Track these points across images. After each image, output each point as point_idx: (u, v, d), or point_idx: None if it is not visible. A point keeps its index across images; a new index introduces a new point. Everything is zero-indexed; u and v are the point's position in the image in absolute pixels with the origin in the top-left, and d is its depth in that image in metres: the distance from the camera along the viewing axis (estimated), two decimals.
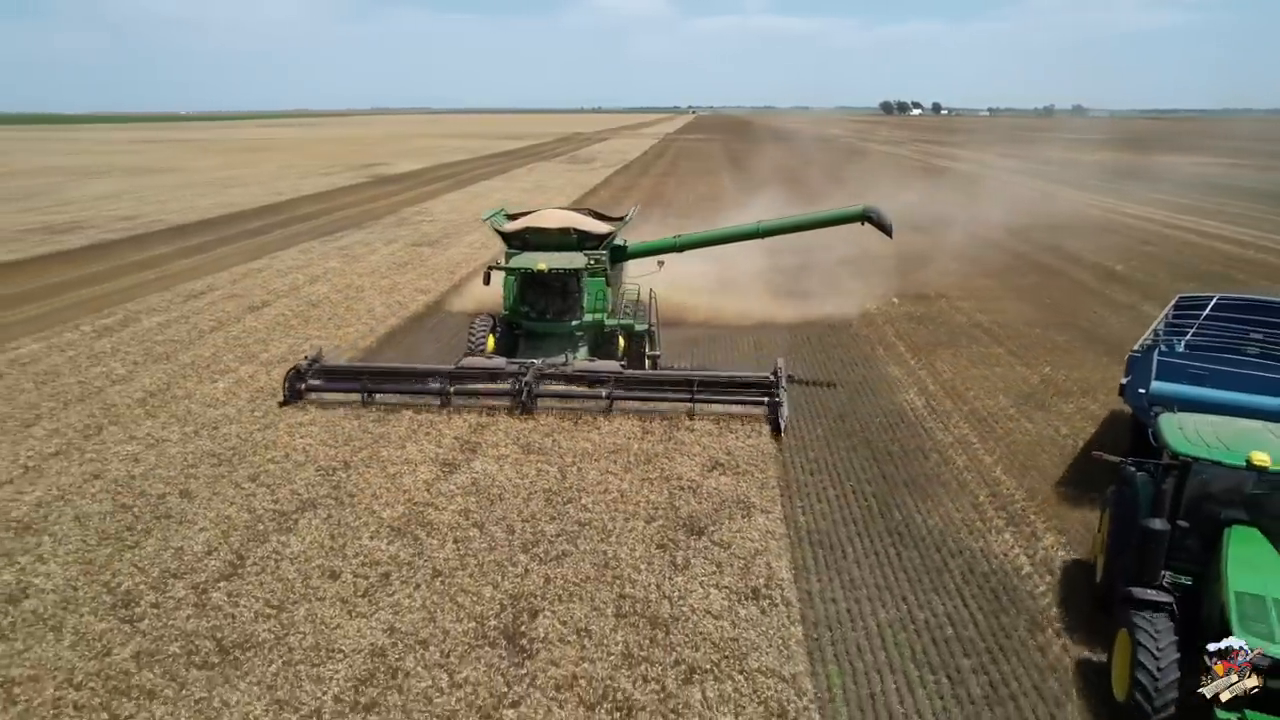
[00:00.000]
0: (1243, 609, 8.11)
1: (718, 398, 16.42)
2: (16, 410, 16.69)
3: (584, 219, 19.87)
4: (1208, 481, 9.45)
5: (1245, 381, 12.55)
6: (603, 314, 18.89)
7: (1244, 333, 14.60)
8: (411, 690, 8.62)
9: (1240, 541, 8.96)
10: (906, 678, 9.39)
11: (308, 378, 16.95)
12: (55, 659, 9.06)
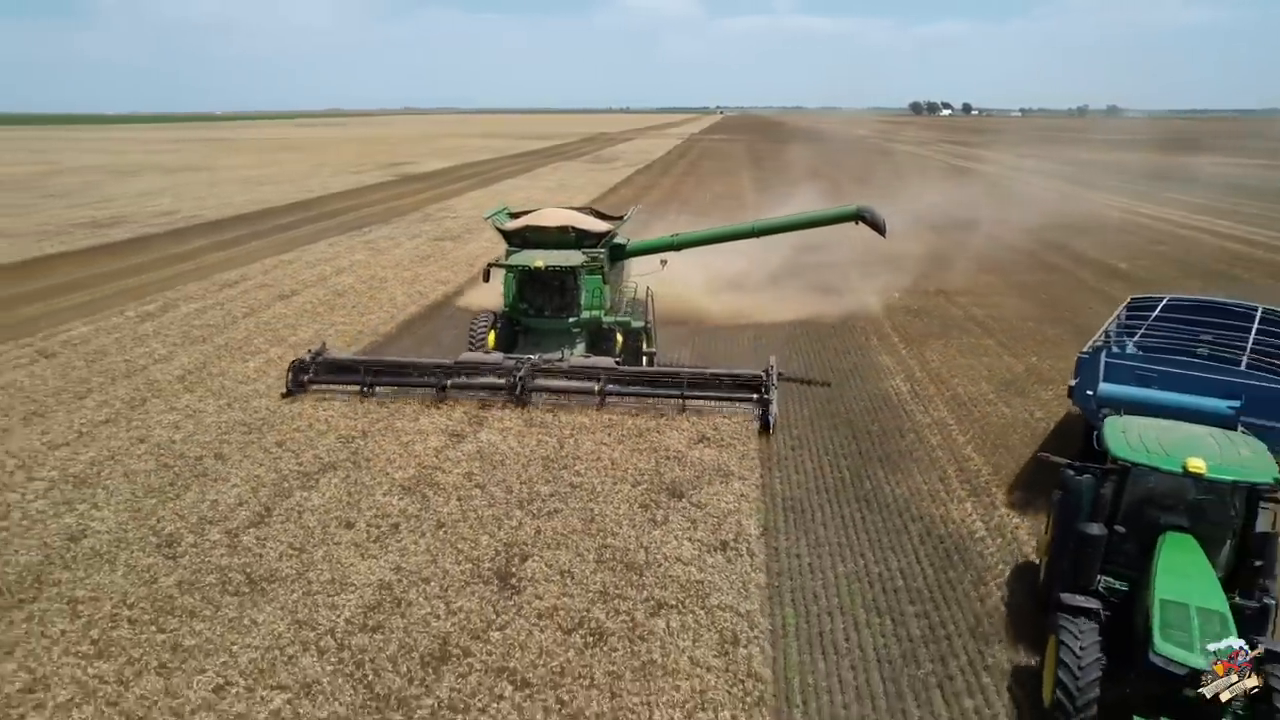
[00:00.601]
0: (1165, 617, 8.05)
1: (708, 395, 16.72)
2: (70, 384, 18.28)
3: (583, 218, 20.22)
4: (1146, 487, 9.38)
5: (1190, 383, 12.44)
6: (600, 311, 19.11)
7: (1193, 334, 14.83)
8: (413, 616, 9.91)
9: (1173, 548, 8.87)
10: (854, 620, 10.51)
11: (310, 370, 17.60)
12: (111, 584, 10.48)
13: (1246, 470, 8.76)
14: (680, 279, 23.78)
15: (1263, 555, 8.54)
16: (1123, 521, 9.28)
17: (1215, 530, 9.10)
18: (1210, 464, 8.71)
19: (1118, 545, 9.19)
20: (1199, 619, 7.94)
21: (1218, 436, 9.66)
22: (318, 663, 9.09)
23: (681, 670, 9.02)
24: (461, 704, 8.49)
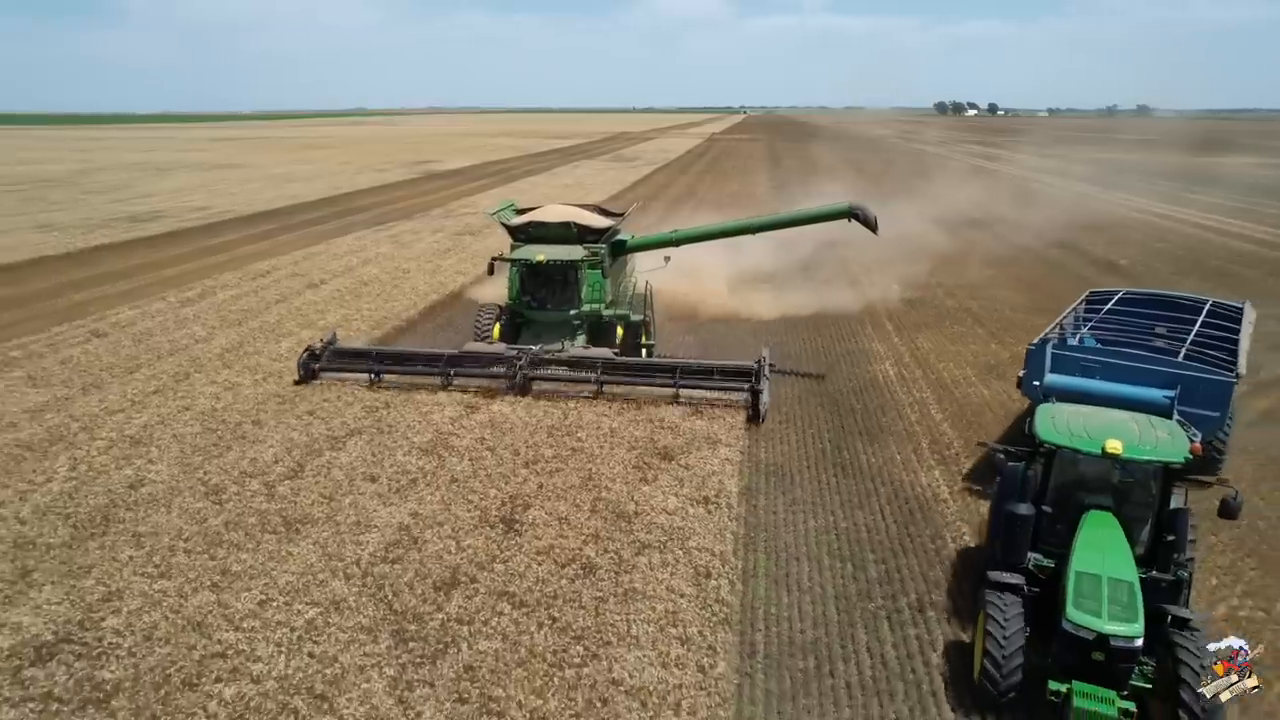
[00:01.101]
0: (1079, 587, 8.47)
1: (701, 385, 17.35)
2: (121, 361, 19.98)
3: (585, 214, 20.82)
4: (1071, 468, 9.82)
5: (1130, 374, 12.94)
6: (600, 304, 19.67)
7: (1143, 326, 15.49)
8: (427, 551, 11.36)
9: (1093, 525, 9.29)
10: (819, 564, 11.80)
11: (321, 358, 18.43)
12: (167, 523, 12.04)
13: (1160, 450, 9.18)
14: (696, 274, 25.18)
15: (1175, 531, 9.08)
16: (1050, 502, 9.75)
17: (1134, 508, 9.54)
18: (1127, 445, 9.14)
19: (1048, 525, 9.63)
20: (1109, 589, 8.37)
21: (1139, 421, 9.98)
22: (345, 585, 10.55)
23: (658, 596, 10.38)
24: (468, 619, 9.90)
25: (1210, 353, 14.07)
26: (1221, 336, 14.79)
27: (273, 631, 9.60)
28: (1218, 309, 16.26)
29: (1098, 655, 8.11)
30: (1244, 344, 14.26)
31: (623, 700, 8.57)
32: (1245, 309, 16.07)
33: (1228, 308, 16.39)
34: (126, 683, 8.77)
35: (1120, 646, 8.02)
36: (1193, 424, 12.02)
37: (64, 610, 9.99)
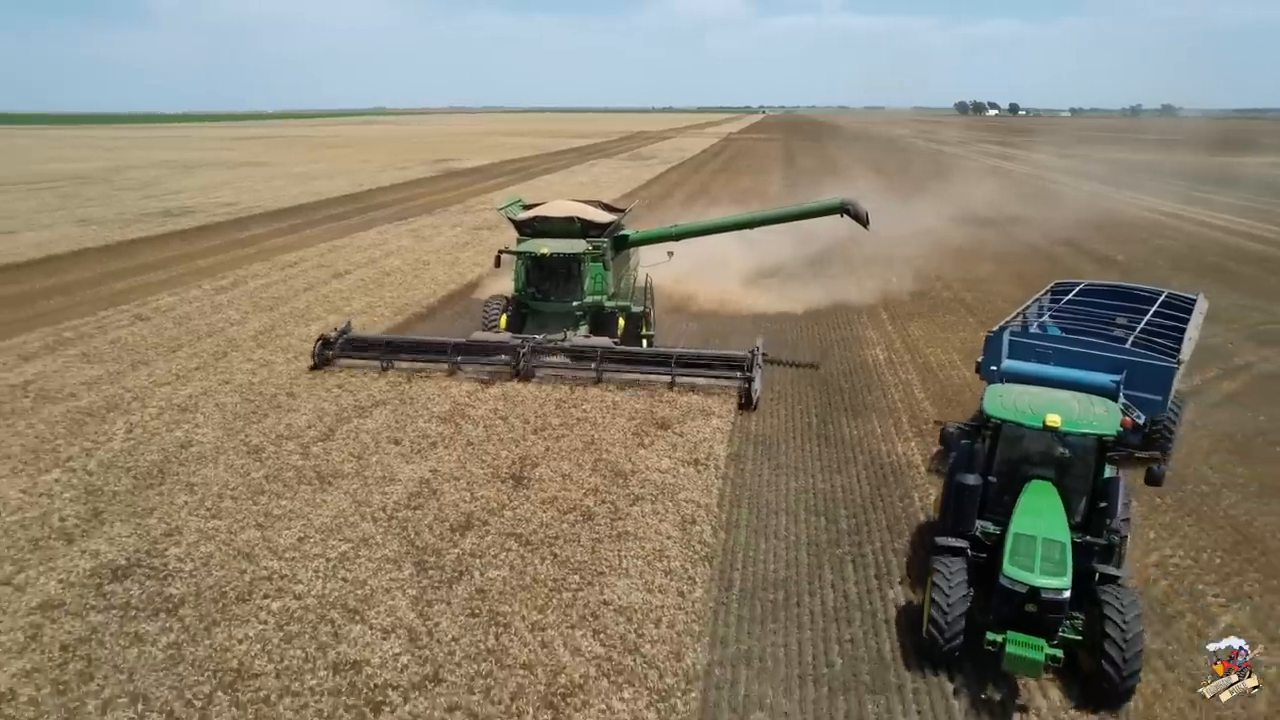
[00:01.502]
0: (1016, 547, 9.19)
1: (695, 372, 18.04)
2: (164, 341, 21.61)
3: (589, 209, 21.48)
4: (1016, 441, 10.46)
5: (1081, 360, 13.48)
6: (602, 295, 20.33)
7: (1099, 315, 16.12)
8: (444, 500, 12.80)
9: (1033, 493, 9.97)
10: (796, 517, 13.12)
11: (335, 346, 19.25)
12: (215, 475, 13.57)
13: (1094, 424, 9.90)
14: (711, 268, 26.44)
15: (1108, 498, 9.76)
16: (997, 473, 10.39)
17: (1072, 479, 10.21)
18: (1065, 420, 9.83)
19: (995, 495, 10.23)
20: (1043, 548, 9.11)
21: (1080, 399, 10.59)
22: (372, 527, 12.01)
23: (647, 538, 11.75)
24: (479, 553, 11.32)
25: (1158, 340, 14.81)
26: (1171, 325, 15.54)
27: (311, 561, 11.07)
28: (1172, 300, 17.06)
29: (1030, 607, 8.87)
30: (1191, 333, 14.98)
31: (611, 616, 9.94)
32: (1198, 300, 16.86)
33: (1181, 299, 17.16)
34: (190, 597, 10.26)
35: (1050, 598, 8.80)
36: (1138, 406, 13.12)
37: (133, 542, 11.52)
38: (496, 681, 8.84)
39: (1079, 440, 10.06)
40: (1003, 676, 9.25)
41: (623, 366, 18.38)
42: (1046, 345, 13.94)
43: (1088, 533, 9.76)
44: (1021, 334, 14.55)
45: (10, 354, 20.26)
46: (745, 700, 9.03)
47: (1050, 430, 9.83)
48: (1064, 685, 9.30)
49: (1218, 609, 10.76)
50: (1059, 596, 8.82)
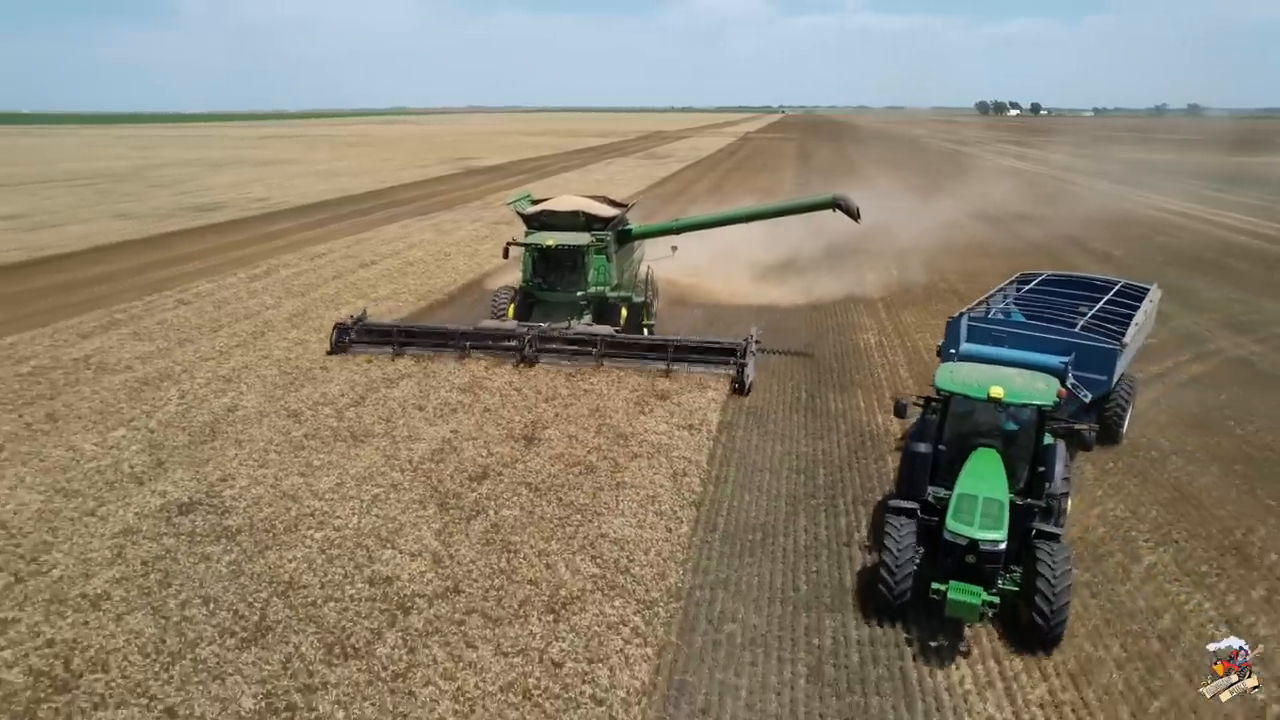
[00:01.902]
0: (958, 505, 10.02)
1: (691, 359, 18.93)
2: (206, 322, 23.41)
3: (593, 204, 22.28)
4: (963, 413, 11.27)
5: (1034, 343, 14.28)
6: (605, 286, 21.16)
7: (1057, 303, 16.90)
8: (464, 455, 14.40)
9: (979, 459, 10.78)
10: (778, 475, 14.58)
11: (351, 332, 20.21)
12: (260, 434, 15.26)
13: (1033, 396, 10.75)
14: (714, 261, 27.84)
15: (1046, 463, 10.70)
16: (946, 442, 11.20)
17: (1014, 446, 11.07)
18: (1007, 391, 10.65)
19: (946, 462, 11.02)
20: (982, 505, 9.96)
21: (1023, 375, 11.35)
22: (400, 475, 13.63)
23: (643, 486, 13.29)
24: (494, 498, 12.90)
25: (1108, 326, 15.78)
26: (1122, 312, 16.49)
27: (347, 502, 12.70)
28: (1127, 289, 18.05)
29: (970, 559, 9.74)
30: (1138, 319, 15.94)
31: (607, 546, 11.49)
32: (1151, 290, 17.82)
33: (1135, 288, 18.15)
34: (245, 528, 11.92)
35: (987, 549, 9.67)
36: (1085, 386, 13.94)
37: (193, 485, 13.21)
38: (507, 593, 10.41)
39: (1020, 410, 11.00)
40: (949, 625, 10.09)
41: (622, 353, 19.30)
42: (1001, 330, 14.81)
43: (1029, 495, 10.71)
44: (978, 319, 15.36)
45: (70, 333, 22.12)
46: (720, 614, 10.52)
47: (994, 402, 10.68)
48: (1004, 632, 10.14)
49: (1144, 551, 12.12)
50: (995, 548, 9.71)
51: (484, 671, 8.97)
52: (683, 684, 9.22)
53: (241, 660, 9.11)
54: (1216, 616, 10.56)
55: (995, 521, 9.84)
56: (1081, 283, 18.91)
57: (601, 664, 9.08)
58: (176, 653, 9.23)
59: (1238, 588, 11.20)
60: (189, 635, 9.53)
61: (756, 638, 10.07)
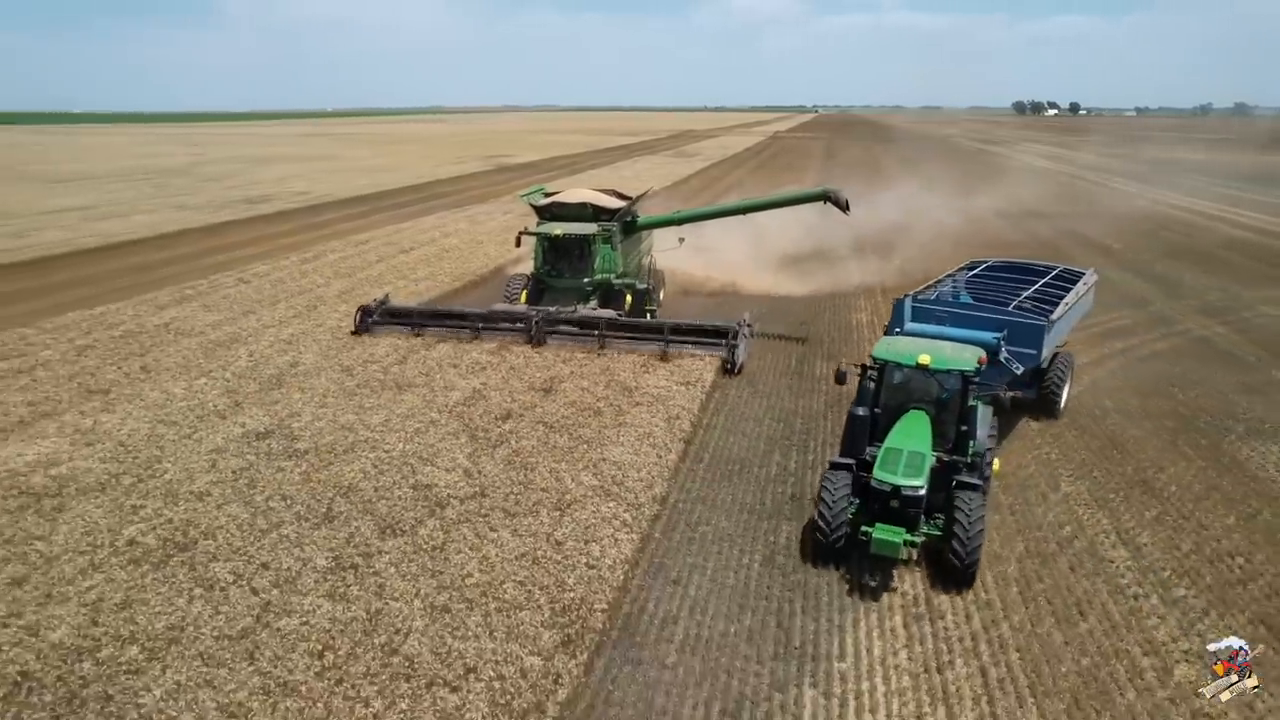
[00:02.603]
0: (885, 457, 11.18)
1: (686, 340, 20.20)
2: (265, 297, 26.27)
3: (602, 196, 23.58)
4: (897, 379, 12.49)
5: (971, 321, 15.35)
6: (611, 274, 22.49)
7: (998, 287, 17.90)
8: (491, 401, 16.93)
9: (909, 420, 11.95)
10: (760, 422, 16.89)
11: (375, 314, 21.80)
12: (319, 384, 17.92)
13: (957, 363, 11.96)
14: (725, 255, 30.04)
15: (968, 423, 11.87)
16: (882, 406, 12.40)
17: (942, 409, 12.25)
18: (934, 359, 11.84)
19: (883, 424, 12.15)
20: (906, 457, 11.12)
21: (951, 346, 12.51)
22: (438, 415, 16.18)
23: (641, 425, 15.69)
24: (515, 432, 15.38)
25: (1041, 305, 16.80)
26: (1055, 294, 17.49)
27: (394, 433, 15.27)
28: (1064, 274, 19.16)
29: (894, 503, 10.89)
30: (1069, 299, 17.01)
31: (607, 466, 13.91)
32: (1086, 275, 19.00)
33: (1073, 272, 19.35)
34: (311, 450, 14.54)
35: (908, 494, 10.82)
36: (1017, 359, 14.80)
37: (266, 419, 15.89)
38: (523, 497, 12.89)
39: (945, 376, 12.23)
40: (879, 567, 11.26)
41: (622, 335, 20.66)
42: (943, 309, 15.92)
43: (955, 452, 11.84)
44: (921, 300, 16.34)
45: (149, 305, 25.09)
46: (697, 520, 12.88)
47: (922, 368, 11.94)
48: (927, 573, 11.40)
49: (1064, 483, 14.25)
50: (916, 493, 10.86)
51: (503, 546, 11.44)
52: (661, 564, 11.61)
53: (314, 535, 11.68)
54: (1109, 528, 12.70)
55: (916, 471, 11.00)
56: (1024, 268, 20.14)
57: (595, 544, 11.50)
58: (265, 530, 11.83)
59: (1134, 510, 13.31)
60: (273, 519, 12.15)
61: (724, 536, 12.42)
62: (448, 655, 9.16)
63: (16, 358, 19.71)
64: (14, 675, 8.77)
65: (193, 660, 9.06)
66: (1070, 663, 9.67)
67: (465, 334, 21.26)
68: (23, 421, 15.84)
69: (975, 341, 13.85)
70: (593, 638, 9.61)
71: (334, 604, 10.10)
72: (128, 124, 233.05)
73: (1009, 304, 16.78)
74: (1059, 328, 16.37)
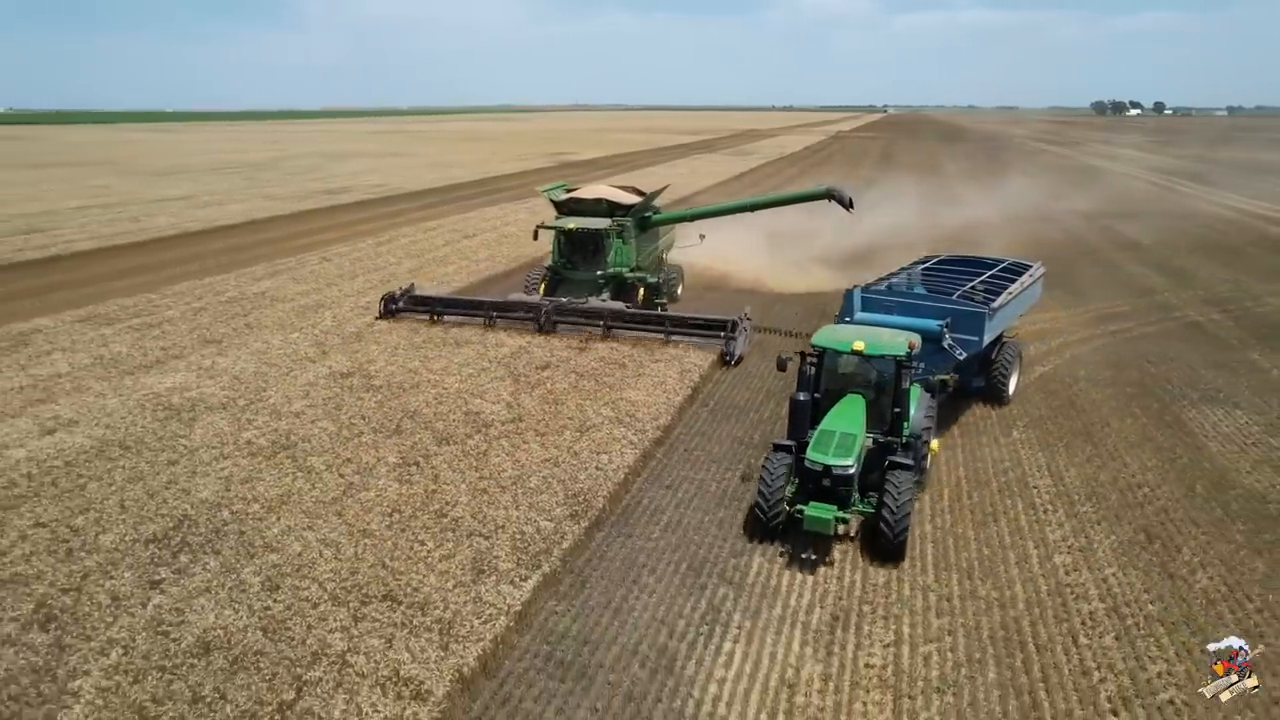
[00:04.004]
0: (819, 439, 11.73)
1: (687, 331, 21.04)
2: (345, 273, 29.98)
3: (618, 192, 24.58)
4: (835, 365, 13.02)
5: (917, 310, 15.97)
6: (624, 267, 23.36)
7: (948, 278, 18.59)
8: (533, 355, 19.99)
9: (846, 403, 12.49)
10: (764, 379, 19.49)
11: (399, 302, 23.04)
12: (390, 340, 21.29)
13: (889, 348, 12.53)
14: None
15: (901, 406, 12.49)
16: (822, 391, 12.91)
17: (878, 392, 12.85)
18: (868, 345, 12.43)
19: (825, 407, 12.62)
20: (838, 439, 11.71)
21: (887, 332, 13.17)
22: (488, 364, 19.31)
23: (657, 376, 18.52)
24: (551, 379, 18.37)
25: (986, 295, 17.44)
26: (1000, 284, 18.13)
27: (451, 376, 18.44)
28: (1011, 266, 19.79)
29: (826, 482, 11.46)
30: (1013, 289, 17.76)
31: (623, 403, 16.80)
32: (1034, 267, 19.79)
33: (1020, 265, 19.97)
34: (384, 386, 17.81)
35: (839, 474, 11.46)
36: (960, 346, 15.49)
37: (348, 363, 19.28)
38: (552, 423, 15.87)
39: (879, 361, 12.82)
40: (815, 542, 11.65)
41: (626, 325, 21.52)
42: (890, 299, 16.55)
43: (891, 434, 12.51)
44: (869, 290, 16.96)
45: (247, 277, 29.03)
46: (691, 447, 15.63)
47: (857, 354, 12.61)
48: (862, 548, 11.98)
49: (1017, 431, 16.54)
50: (846, 472, 11.49)
51: (531, 454, 14.44)
52: (657, 474, 14.43)
53: (386, 442, 14.88)
54: (1043, 465, 15.00)
55: (846, 451, 11.57)
56: (972, 260, 20.80)
57: (605, 454, 14.40)
58: (348, 438, 15.09)
59: (1070, 453, 15.55)
60: (354, 430, 15.41)
61: (714, 458, 15.16)
62: (483, 518, 12.17)
63: (148, 315, 23.71)
64: (178, 516, 12.15)
65: (298, 514, 12.28)
66: (973, 550, 12.15)
67: (480, 322, 22.25)
68: (159, 361, 19.58)
69: (919, 329, 14.34)
70: (594, 514, 12.49)
71: (400, 485, 13.23)
72: (217, 121, 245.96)
73: (951, 293, 17.46)
74: (1002, 315, 16.94)
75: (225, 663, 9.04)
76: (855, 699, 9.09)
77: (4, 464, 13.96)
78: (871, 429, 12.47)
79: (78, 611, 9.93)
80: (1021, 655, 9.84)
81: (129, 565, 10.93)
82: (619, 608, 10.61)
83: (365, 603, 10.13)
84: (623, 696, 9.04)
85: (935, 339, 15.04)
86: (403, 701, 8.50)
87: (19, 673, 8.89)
